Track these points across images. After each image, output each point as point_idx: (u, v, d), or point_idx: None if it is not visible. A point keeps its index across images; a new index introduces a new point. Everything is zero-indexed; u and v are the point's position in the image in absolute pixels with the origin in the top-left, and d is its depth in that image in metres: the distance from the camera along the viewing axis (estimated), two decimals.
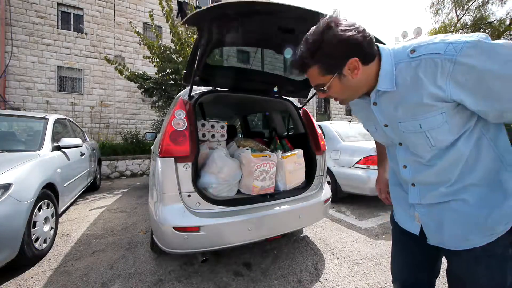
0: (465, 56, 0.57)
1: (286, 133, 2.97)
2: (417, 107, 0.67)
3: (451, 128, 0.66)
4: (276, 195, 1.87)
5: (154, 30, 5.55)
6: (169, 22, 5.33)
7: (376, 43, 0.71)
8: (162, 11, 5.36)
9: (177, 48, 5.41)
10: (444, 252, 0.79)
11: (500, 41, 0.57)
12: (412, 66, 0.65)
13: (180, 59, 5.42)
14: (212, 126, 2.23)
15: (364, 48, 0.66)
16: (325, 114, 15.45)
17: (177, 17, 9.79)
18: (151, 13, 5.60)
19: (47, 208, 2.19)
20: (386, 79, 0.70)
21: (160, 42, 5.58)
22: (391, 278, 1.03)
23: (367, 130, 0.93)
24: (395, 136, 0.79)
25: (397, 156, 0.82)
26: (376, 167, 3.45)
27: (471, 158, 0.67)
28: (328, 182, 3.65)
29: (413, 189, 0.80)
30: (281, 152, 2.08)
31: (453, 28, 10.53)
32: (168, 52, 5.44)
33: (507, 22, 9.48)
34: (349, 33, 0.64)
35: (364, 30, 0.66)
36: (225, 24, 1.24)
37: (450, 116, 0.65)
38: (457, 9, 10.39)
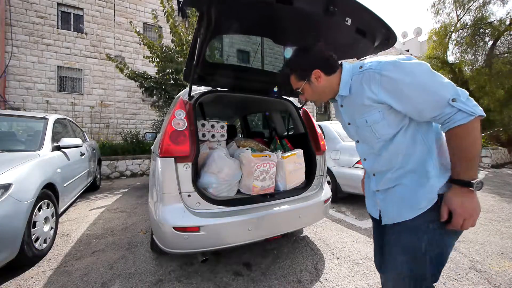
0: (387, 70, 0.81)
1: (286, 133, 2.97)
2: (362, 107, 0.90)
3: (389, 123, 0.88)
4: (276, 195, 1.87)
5: (156, 30, 5.55)
6: (170, 22, 5.33)
7: (341, 60, 1.01)
8: (163, 11, 5.36)
9: (178, 48, 5.41)
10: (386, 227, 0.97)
11: (412, 61, 0.81)
12: (360, 78, 0.89)
13: (181, 59, 5.42)
14: (212, 126, 2.23)
15: (325, 63, 0.96)
16: (325, 114, 15.45)
17: (178, 15, 9.80)
18: (154, 13, 5.59)
19: (47, 208, 2.19)
20: (344, 87, 0.95)
21: (161, 42, 5.57)
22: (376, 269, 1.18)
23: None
24: (354, 133, 1.04)
25: (359, 150, 1.06)
26: None
27: (408, 149, 0.88)
28: (328, 182, 3.65)
29: (373, 178, 1.01)
30: (281, 152, 2.08)
31: (453, 28, 10.49)
32: (169, 52, 5.43)
33: (507, 22, 9.45)
34: (315, 54, 0.97)
35: (327, 52, 0.98)
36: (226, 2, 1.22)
37: (386, 114, 0.87)
38: (457, 9, 10.36)
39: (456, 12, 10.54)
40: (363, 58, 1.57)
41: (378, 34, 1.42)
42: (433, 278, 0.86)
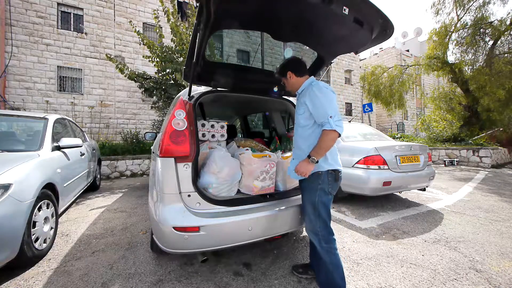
0: (314, 88, 1.45)
1: (286, 133, 2.96)
2: (300, 103, 1.54)
3: (306, 117, 1.49)
4: (276, 195, 1.87)
5: (157, 30, 5.53)
6: (171, 22, 5.32)
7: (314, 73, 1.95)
8: (163, 10, 5.36)
9: (178, 48, 5.40)
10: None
11: (328, 89, 1.46)
12: (309, 87, 1.51)
13: (181, 59, 5.42)
14: (212, 126, 2.23)
15: (294, 68, 1.59)
16: None
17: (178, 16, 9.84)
18: (156, 12, 5.57)
19: (47, 208, 2.19)
20: (301, 88, 1.58)
21: (162, 42, 5.57)
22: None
23: None
24: (295, 118, 1.61)
25: (295, 130, 1.62)
26: (376, 167, 3.44)
27: (309, 138, 1.48)
28: None
29: (293, 150, 1.64)
30: (281, 152, 2.08)
31: (453, 28, 10.47)
32: (170, 52, 5.42)
33: (508, 22, 9.43)
34: (291, 62, 1.62)
35: (302, 62, 1.63)
36: None
37: (306, 111, 1.48)
38: (457, 9, 10.33)
39: (456, 12, 10.53)
40: (361, 51, 1.77)
41: (375, 24, 1.42)
42: (328, 217, 1.47)
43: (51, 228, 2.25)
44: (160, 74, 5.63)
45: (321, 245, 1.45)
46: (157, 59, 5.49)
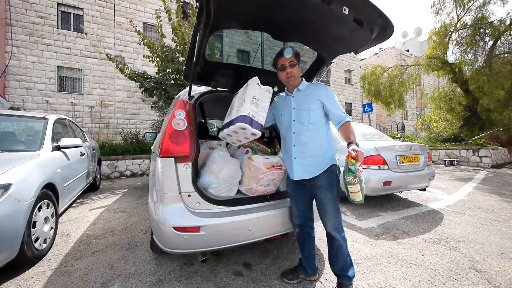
0: (324, 87, 1.58)
1: None
2: (310, 99, 1.55)
3: (318, 113, 1.54)
4: (276, 195, 1.86)
5: (158, 30, 5.52)
6: (172, 22, 5.32)
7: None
8: (165, 10, 5.36)
9: (180, 48, 5.40)
10: (308, 183, 1.55)
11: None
12: (315, 85, 1.59)
13: (182, 59, 5.42)
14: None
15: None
16: None
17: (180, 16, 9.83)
18: (158, 13, 5.55)
19: (47, 208, 2.19)
20: (304, 85, 1.60)
21: (163, 42, 5.56)
22: (295, 223, 1.71)
23: (279, 115, 1.69)
24: (295, 115, 1.58)
25: (291, 128, 1.58)
26: (375, 166, 3.43)
27: (322, 135, 1.54)
28: None
29: (294, 148, 1.57)
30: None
31: (453, 28, 10.46)
32: (171, 52, 5.42)
33: (508, 22, 9.43)
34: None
35: None
36: None
37: (319, 108, 1.54)
38: (457, 9, 10.33)
39: (456, 12, 10.53)
40: (361, 51, 1.77)
41: (375, 24, 1.42)
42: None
43: (51, 228, 2.25)
44: (160, 74, 5.62)
45: (341, 235, 1.52)
46: (158, 59, 5.49)
